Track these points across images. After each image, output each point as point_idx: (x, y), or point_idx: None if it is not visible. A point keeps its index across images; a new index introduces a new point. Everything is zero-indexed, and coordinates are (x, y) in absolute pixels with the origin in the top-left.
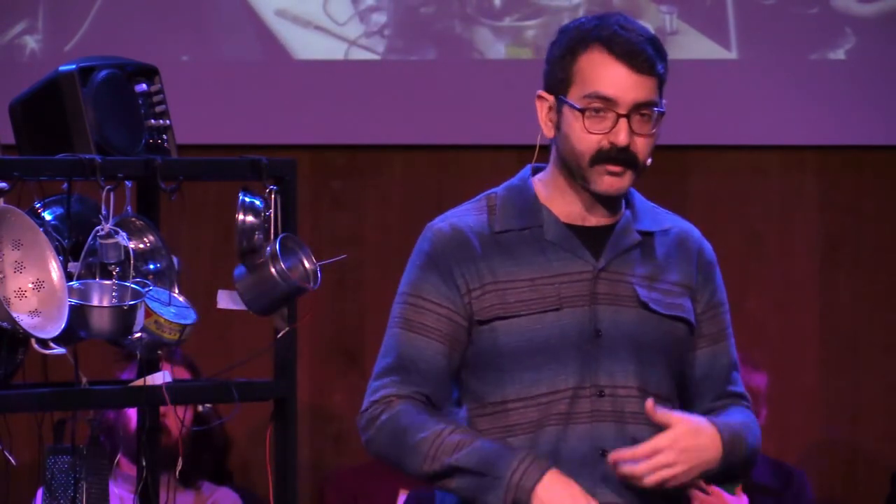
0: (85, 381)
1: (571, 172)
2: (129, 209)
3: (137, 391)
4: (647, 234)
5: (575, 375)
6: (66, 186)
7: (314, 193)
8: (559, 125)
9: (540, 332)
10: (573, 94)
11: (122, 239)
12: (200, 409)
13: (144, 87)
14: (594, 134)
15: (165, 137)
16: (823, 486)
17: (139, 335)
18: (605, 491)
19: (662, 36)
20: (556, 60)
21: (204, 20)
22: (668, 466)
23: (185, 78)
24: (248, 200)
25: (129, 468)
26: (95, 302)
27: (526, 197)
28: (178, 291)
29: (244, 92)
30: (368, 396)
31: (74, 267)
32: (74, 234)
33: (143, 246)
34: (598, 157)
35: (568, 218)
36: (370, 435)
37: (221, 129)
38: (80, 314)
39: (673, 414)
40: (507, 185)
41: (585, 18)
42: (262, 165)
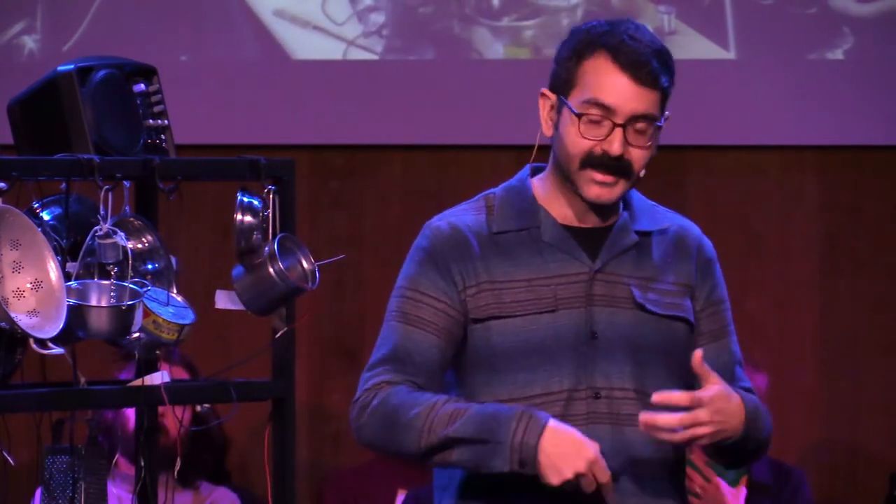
0: (83, 381)
1: (564, 175)
2: (127, 209)
3: (136, 391)
4: (644, 234)
5: (570, 377)
6: (64, 186)
7: (312, 193)
8: (558, 125)
9: (535, 332)
10: (574, 97)
11: (120, 239)
12: (199, 409)
13: (143, 87)
14: (588, 140)
15: (164, 137)
16: (823, 485)
17: (137, 335)
18: (600, 492)
19: (661, 36)
20: (562, 61)
21: (202, 20)
22: (700, 424)
23: (183, 78)
24: (246, 200)
25: (127, 468)
26: (94, 302)
27: (524, 198)
28: (176, 291)
29: (242, 92)
30: (361, 386)
31: (73, 267)
32: (73, 234)
33: (141, 246)
34: (587, 161)
35: (565, 219)
36: (362, 421)
37: (220, 129)
38: (78, 314)
39: (714, 374)
40: (505, 185)
41: (598, 22)
42: (260, 165)
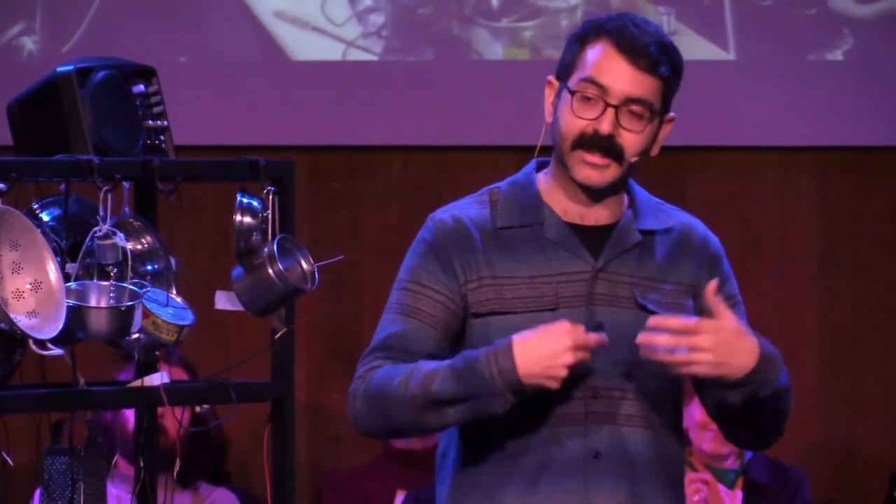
0: (82, 381)
1: (560, 160)
2: (126, 210)
3: (135, 392)
4: (648, 233)
5: (568, 376)
6: (63, 187)
7: (312, 194)
8: (556, 109)
9: None
10: (573, 79)
11: (119, 240)
12: (198, 409)
13: (142, 87)
14: (581, 119)
15: (163, 138)
16: (822, 486)
17: (137, 336)
18: (598, 493)
19: None
20: (567, 47)
21: (202, 21)
22: (700, 350)
23: (182, 79)
24: (245, 201)
25: (126, 469)
26: (93, 303)
27: (529, 193)
28: (175, 292)
29: (242, 93)
30: (354, 377)
31: (72, 268)
32: (72, 234)
33: (140, 247)
34: (579, 141)
35: (568, 216)
36: (356, 409)
37: (219, 129)
38: (77, 315)
39: (727, 310)
40: (510, 180)
41: (608, 14)
42: (259, 166)
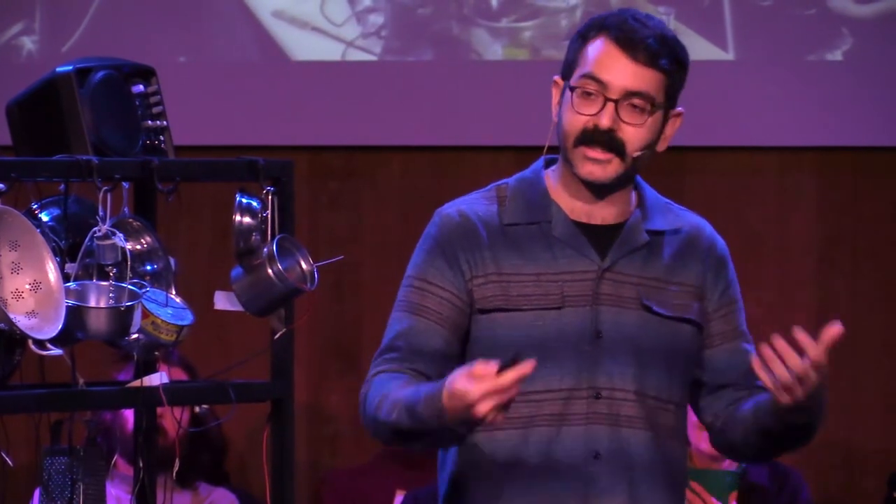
0: (82, 382)
1: (565, 157)
2: (126, 210)
3: (134, 392)
4: (656, 233)
5: (570, 376)
6: (63, 187)
7: (311, 194)
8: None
9: (540, 328)
10: (574, 76)
11: (119, 240)
12: (197, 409)
13: (141, 88)
14: (581, 114)
15: (162, 138)
16: (821, 486)
17: (136, 336)
18: (597, 494)
19: None
20: (570, 45)
21: (201, 21)
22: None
23: (182, 79)
24: (245, 201)
25: (126, 469)
26: (92, 303)
27: (536, 190)
28: (175, 292)
29: (241, 93)
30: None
31: (71, 268)
32: (71, 235)
33: (140, 247)
34: (581, 138)
35: (576, 214)
36: (364, 419)
37: (218, 130)
38: (77, 315)
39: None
40: (519, 176)
41: (612, 10)
42: (259, 166)
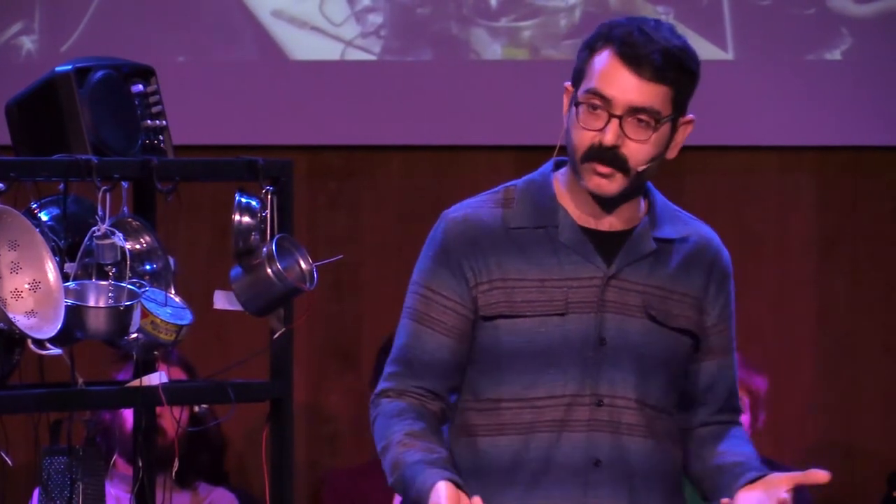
0: (81, 381)
1: (574, 170)
2: (125, 210)
3: (134, 392)
4: (664, 241)
5: (573, 382)
6: (62, 187)
7: (311, 194)
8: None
9: (543, 335)
10: (581, 89)
11: (118, 240)
12: (197, 409)
13: (141, 87)
14: (587, 130)
15: (162, 138)
16: (820, 486)
17: (135, 336)
18: (597, 501)
19: None
20: (578, 53)
21: (200, 21)
22: None
23: (181, 78)
24: (244, 201)
25: (125, 468)
26: (92, 302)
27: (544, 194)
28: (174, 292)
29: (240, 93)
30: (378, 385)
31: (71, 267)
32: (71, 234)
33: (139, 246)
34: (588, 154)
35: (583, 220)
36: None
37: (218, 129)
38: (76, 315)
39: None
40: (527, 178)
41: (621, 19)
42: (258, 166)
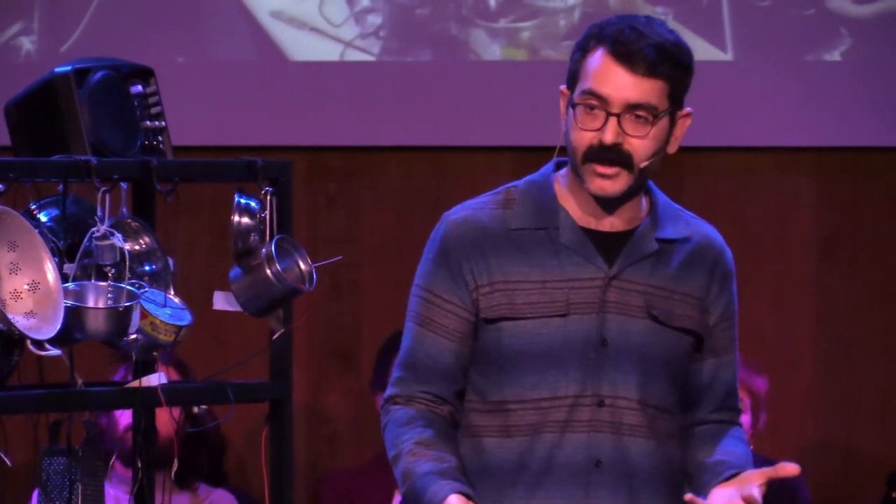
0: (80, 382)
1: (575, 172)
2: (124, 211)
3: (133, 392)
4: (666, 242)
5: (576, 383)
6: (61, 188)
7: (310, 195)
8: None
9: (545, 336)
10: (576, 91)
11: (117, 240)
12: (196, 410)
13: (140, 88)
14: (586, 131)
15: (161, 139)
16: (819, 486)
17: (135, 337)
18: (598, 501)
19: None
20: (571, 56)
21: (199, 21)
22: None
23: (180, 79)
24: (243, 202)
25: (123, 470)
26: (91, 303)
27: (545, 195)
28: (173, 293)
29: (240, 93)
30: (386, 390)
31: (70, 268)
32: (70, 235)
33: (138, 247)
34: (588, 155)
35: (584, 220)
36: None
37: (217, 130)
38: (75, 315)
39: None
40: (528, 179)
41: (611, 18)
42: (257, 167)
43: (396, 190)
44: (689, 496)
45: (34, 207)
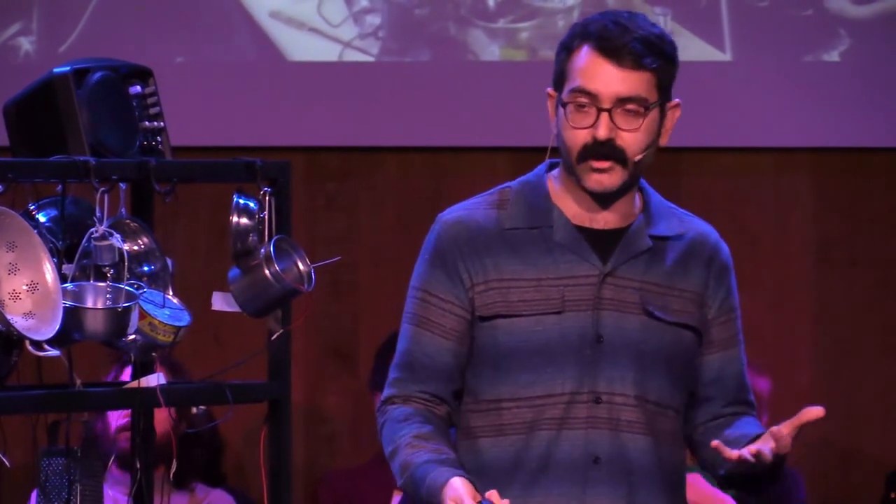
0: (79, 382)
1: (569, 170)
2: (123, 211)
3: (132, 393)
4: (660, 238)
5: (572, 380)
6: (60, 188)
7: (308, 195)
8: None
9: (540, 333)
10: (565, 90)
11: (116, 241)
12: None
13: (139, 88)
14: (578, 129)
15: (160, 139)
16: (818, 487)
17: (133, 337)
18: (596, 498)
19: None
20: (557, 56)
21: (198, 22)
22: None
23: (179, 80)
24: (242, 202)
25: (119, 472)
26: (90, 304)
27: (538, 194)
28: (172, 293)
29: (238, 94)
30: (384, 391)
31: (69, 269)
32: (69, 235)
33: (137, 248)
34: (584, 153)
35: (577, 219)
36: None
37: (216, 130)
38: (74, 316)
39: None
40: (522, 179)
41: (592, 15)
42: (256, 167)
43: (395, 190)
44: (715, 442)
45: (33, 208)
